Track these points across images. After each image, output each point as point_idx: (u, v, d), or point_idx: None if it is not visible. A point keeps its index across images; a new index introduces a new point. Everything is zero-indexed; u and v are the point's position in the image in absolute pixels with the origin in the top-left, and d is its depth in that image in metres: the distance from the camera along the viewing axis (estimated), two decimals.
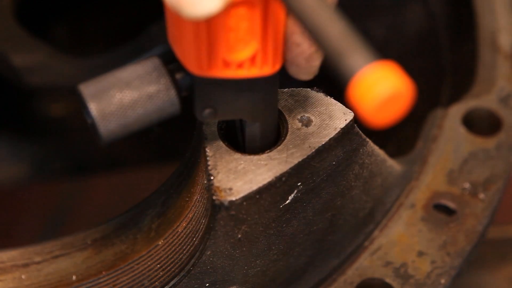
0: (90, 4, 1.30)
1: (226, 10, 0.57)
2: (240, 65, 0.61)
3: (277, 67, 0.63)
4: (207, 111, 0.65)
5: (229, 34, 0.59)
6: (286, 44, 0.63)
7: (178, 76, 0.63)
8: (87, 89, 0.62)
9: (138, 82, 0.63)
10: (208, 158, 0.69)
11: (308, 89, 0.73)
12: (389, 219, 0.84)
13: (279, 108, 0.71)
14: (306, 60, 0.65)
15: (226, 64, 0.60)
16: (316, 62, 0.66)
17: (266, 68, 0.62)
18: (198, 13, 0.53)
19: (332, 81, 0.52)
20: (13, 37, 1.22)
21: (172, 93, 0.63)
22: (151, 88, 0.62)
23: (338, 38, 0.50)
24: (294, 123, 0.71)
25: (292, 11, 0.52)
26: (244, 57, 0.60)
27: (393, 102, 0.48)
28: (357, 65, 0.49)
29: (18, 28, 1.22)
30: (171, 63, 0.63)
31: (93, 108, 0.61)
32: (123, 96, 0.62)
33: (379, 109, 0.48)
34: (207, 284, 0.73)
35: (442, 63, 1.02)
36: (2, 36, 1.22)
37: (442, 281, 0.79)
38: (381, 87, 0.48)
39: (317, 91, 0.73)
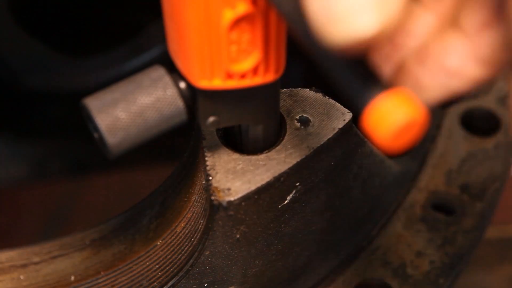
0: (89, 4, 1.30)
1: (229, 25, 0.57)
2: (243, 76, 0.60)
3: (280, 73, 0.63)
4: (210, 119, 0.65)
5: (231, 47, 0.58)
6: None
7: (183, 85, 0.63)
8: (92, 103, 0.61)
9: (144, 93, 0.62)
10: (206, 158, 0.69)
11: (307, 89, 0.73)
12: (387, 219, 0.84)
13: None
14: None
15: (229, 75, 0.60)
16: None
17: (268, 76, 0.62)
18: (349, 36, 0.46)
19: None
20: (12, 37, 1.22)
21: (179, 102, 0.62)
22: (158, 99, 0.62)
23: (347, 66, 0.49)
24: (292, 124, 0.71)
25: (297, 38, 0.51)
26: (247, 68, 0.60)
27: (408, 130, 0.48)
28: (369, 94, 0.48)
29: (16, 29, 1.22)
30: (174, 71, 0.63)
31: (101, 122, 0.60)
32: (129, 108, 0.61)
33: (395, 138, 0.48)
34: (206, 285, 0.73)
35: None
36: (0, 37, 1.22)
37: (441, 281, 0.79)
38: (396, 116, 0.48)
39: (316, 92, 0.73)
